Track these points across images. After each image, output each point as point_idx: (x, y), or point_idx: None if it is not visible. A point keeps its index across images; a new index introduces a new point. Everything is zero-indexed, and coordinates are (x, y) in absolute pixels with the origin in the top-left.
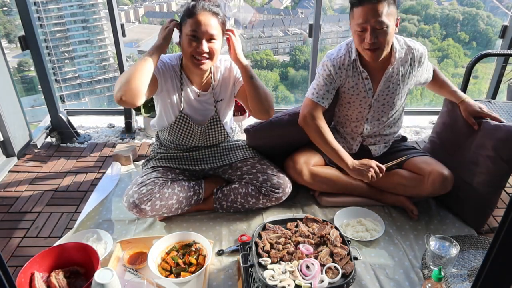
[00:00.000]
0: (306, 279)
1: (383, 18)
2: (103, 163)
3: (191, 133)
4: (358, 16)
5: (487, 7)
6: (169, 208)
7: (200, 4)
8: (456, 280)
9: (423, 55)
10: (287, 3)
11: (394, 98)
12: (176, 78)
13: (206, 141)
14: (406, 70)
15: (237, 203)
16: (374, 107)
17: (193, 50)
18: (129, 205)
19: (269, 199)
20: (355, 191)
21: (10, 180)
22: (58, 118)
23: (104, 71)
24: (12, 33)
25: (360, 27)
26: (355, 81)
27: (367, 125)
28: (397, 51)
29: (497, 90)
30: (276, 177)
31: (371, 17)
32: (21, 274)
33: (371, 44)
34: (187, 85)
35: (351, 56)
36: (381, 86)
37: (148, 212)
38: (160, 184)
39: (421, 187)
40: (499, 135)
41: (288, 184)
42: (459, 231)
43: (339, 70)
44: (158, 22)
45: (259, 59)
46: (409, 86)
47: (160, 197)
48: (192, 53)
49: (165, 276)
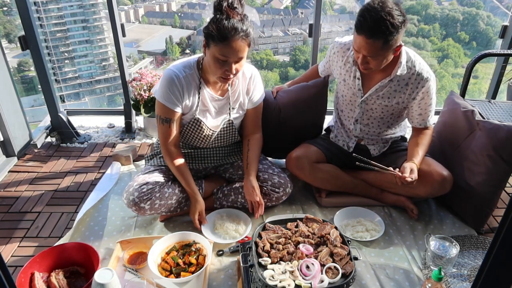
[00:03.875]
0: (306, 279)
1: (375, 52)
2: (103, 163)
3: (203, 136)
4: (354, 40)
5: (487, 7)
6: (168, 207)
7: (234, 30)
8: (456, 280)
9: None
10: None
11: (384, 110)
12: (194, 86)
13: (217, 143)
14: (401, 87)
15: (238, 203)
16: (363, 109)
17: (222, 72)
18: (129, 203)
19: (269, 198)
20: (356, 189)
21: (10, 180)
22: (58, 118)
23: (104, 71)
24: (12, 33)
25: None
26: (347, 75)
27: (357, 126)
28: (400, 67)
29: (497, 90)
30: (277, 177)
31: (363, 49)
32: (21, 274)
33: (362, 67)
34: (205, 89)
35: (349, 49)
36: (372, 91)
37: (147, 210)
38: (161, 184)
39: (421, 187)
40: (499, 135)
41: (289, 184)
42: (459, 231)
43: (333, 55)
44: (158, 22)
45: (259, 59)
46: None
47: (160, 196)
48: (221, 75)
49: (165, 276)
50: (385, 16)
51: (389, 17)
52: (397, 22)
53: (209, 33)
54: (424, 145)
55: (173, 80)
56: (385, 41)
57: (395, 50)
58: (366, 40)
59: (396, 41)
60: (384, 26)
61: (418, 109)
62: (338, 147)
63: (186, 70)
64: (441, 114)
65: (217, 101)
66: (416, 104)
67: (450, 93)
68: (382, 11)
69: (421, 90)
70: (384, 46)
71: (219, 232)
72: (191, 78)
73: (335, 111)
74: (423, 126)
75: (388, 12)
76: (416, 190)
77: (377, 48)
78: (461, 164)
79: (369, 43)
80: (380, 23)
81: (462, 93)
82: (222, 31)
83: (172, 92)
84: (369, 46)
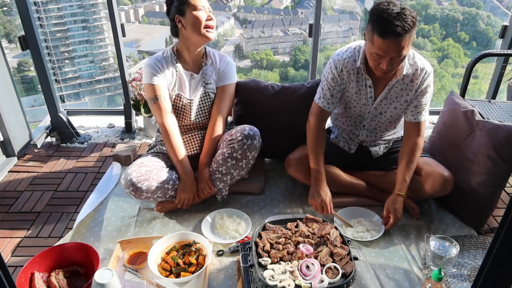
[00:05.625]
0: (306, 279)
1: (405, 49)
2: (103, 163)
3: (185, 109)
4: (378, 47)
5: (487, 7)
6: (164, 192)
7: None
8: (456, 280)
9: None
10: (287, 3)
11: (393, 112)
12: (171, 65)
13: (200, 118)
14: (406, 85)
15: (225, 175)
16: (372, 115)
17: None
18: (126, 183)
19: (243, 153)
20: (355, 190)
21: (10, 180)
22: (58, 118)
23: (104, 71)
24: (12, 33)
25: (378, 54)
26: (358, 87)
27: (363, 131)
28: (405, 67)
29: (497, 90)
30: (248, 128)
31: (392, 52)
32: (21, 274)
33: (386, 71)
34: (181, 69)
35: (356, 61)
36: (382, 96)
37: (144, 192)
38: (159, 168)
39: (421, 188)
40: (499, 135)
41: (258, 132)
42: (459, 231)
43: (341, 73)
44: (158, 22)
45: (259, 59)
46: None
47: (157, 178)
48: (206, 25)
49: (165, 276)
50: (404, 11)
51: (407, 11)
52: (414, 14)
53: (179, 9)
54: (414, 164)
55: (152, 61)
56: (411, 35)
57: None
58: (395, 41)
59: (416, 28)
60: (408, 20)
61: (415, 101)
62: (338, 148)
63: (163, 54)
64: (441, 114)
65: (192, 78)
66: (415, 97)
67: (450, 93)
68: (398, 9)
69: (424, 84)
70: (410, 40)
71: (219, 232)
72: (168, 59)
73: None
74: (416, 120)
75: (403, 8)
76: (416, 191)
77: (405, 45)
78: (461, 164)
79: (398, 42)
80: (403, 20)
81: (462, 93)
82: None
83: (153, 69)
84: (398, 46)
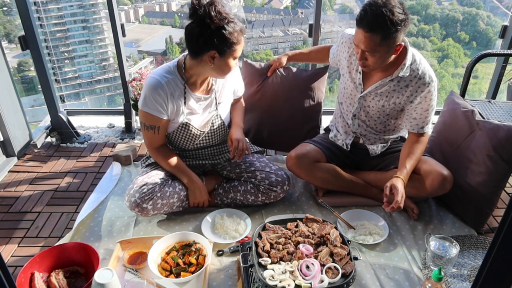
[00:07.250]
0: (306, 279)
1: (373, 47)
2: (103, 163)
3: (193, 138)
4: (355, 34)
5: (487, 7)
6: (170, 206)
7: (241, 35)
8: (456, 280)
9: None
10: (287, 3)
11: (380, 110)
12: (179, 92)
13: (209, 142)
14: (400, 88)
15: (237, 200)
16: (361, 104)
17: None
18: (131, 205)
19: (267, 196)
20: (355, 189)
21: (10, 180)
22: (58, 118)
23: (104, 71)
24: (12, 33)
25: (354, 43)
26: (351, 67)
27: (355, 121)
28: (403, 69)
29: (497, 90)
30: (274, 175)
31: (361, 43)
32: (21, 274)
33: (360, 63)
34: (190, 93)
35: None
36: (371, 88)
37: (150, 211)
38: (161, 183)
39: (421, 187)
40: (499, 135)
41: (286, 181)
42: (459, 231)
43: (341, 45)
44: (158, 22)
45: (259, 59)
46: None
47: (161, 196)
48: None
49: (165, 276)
50: (386, 12)
51: (389, 14)
52: (396, 19)
53: (220, 46)
54: (416, 155)
55: (156, 88)
56: (383, 37)
57: (394, 49)
58: (365, 34)
59: (396, 39)
60: (383, 21)
61: (414, 113)
62: (338, 146)
63: (168, 76)
64: (441, 114)
65: (203, 100)
66: (413, 108)
67: (450, 93)
68: (384, 7)
69: (420, 95)
70: (382, 42)
71: (219, 232)
72: (174, 83)
73: (338, 104)
74: (416, 131)
75: (390, 9)
76: (415, 190)
77: (375, 43)
78: (461, 164)
79: (367, 37)
80: (379, 17)
81: (462, 93)
82: (232, 41)
83: (155, 100)
84: (367, 40)
